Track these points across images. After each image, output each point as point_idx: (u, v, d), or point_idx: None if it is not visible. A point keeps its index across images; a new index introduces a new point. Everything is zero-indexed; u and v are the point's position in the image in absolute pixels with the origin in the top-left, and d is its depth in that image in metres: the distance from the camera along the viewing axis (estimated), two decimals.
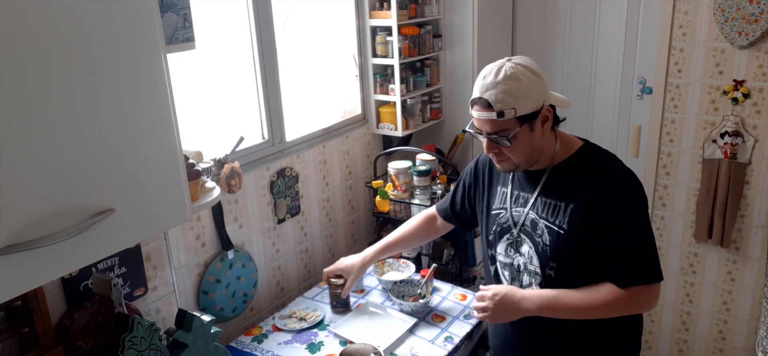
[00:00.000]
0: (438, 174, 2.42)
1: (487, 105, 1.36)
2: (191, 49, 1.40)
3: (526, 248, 1.50)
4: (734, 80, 2.47)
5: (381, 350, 1.71)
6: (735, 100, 2.48)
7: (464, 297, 2.07)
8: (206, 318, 1.58)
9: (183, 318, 1.56)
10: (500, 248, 1.58)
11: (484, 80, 1.38)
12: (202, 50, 1.57)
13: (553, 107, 1.45)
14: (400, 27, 2.43)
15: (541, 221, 1.46)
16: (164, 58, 1.16)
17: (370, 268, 2.22)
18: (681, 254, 2.78)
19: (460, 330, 1.88)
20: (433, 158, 2.42)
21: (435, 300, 2.04)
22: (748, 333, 2.72)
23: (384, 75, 2.57)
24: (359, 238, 2.67)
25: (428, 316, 1.96)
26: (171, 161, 1.20)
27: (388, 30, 2.46)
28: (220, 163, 1.84)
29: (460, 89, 2.76)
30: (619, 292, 1.39)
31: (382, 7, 2.46)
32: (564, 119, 1.49)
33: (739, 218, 2.59)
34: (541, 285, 1.49)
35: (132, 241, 1.20)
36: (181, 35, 1.35)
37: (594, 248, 1.40)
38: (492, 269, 1.63)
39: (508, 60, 1.39)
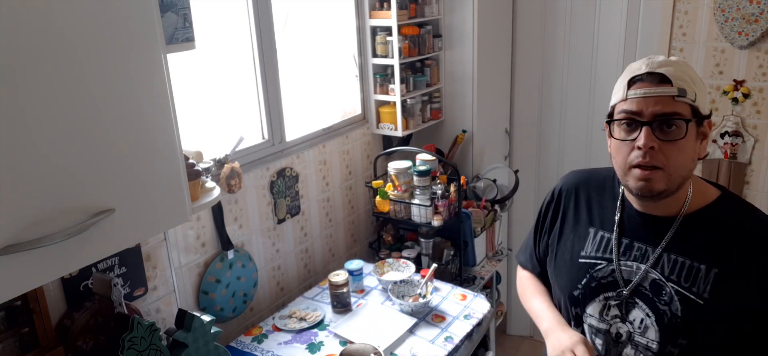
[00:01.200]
0: (438, 174, 2.42)
1: (662, 80, 1.07)
2: (191, 49, 1.40)
3: (640, 315, 1.16)
4: (734, 80, 2.47)
5: (381, 350, 1.71)
6: (735, 100, 2.48)
7: (464, 297, 2.07)
8: (206, 318, 1.58)
9: (183, 318, 1.56)
10: (592, 309, 1.23)
11: (651, 59, 1.11)
12: (202, 50, 1.57)
13: None
14: (400, 27, 2.43)
15: (669, 284, 1.13)
16: (164, 58, 1.16)
17: (371, 268, 2.23)
18: None
19: (460, 330, 1.88)
20: (433, 158, 2.42)
21: (435, 300, 2.04)
22: None
23: (384, 75, 2.57)
24: (359, 238, 2.67)
25: (428, 316, 1.96)
26: (171, 161, 1.20)
27: (388, 30, 2.45)
28: (220, 163, 1.84)
29: (460, 89, 2.76)
30: None
31: (382, 7, 2.46)
32: (707, 155, 1.20)
33: None
34: None
35: (132, 241, 1.20)
36: (181, 35, 1.35)
37: (744, 327, 1.08)
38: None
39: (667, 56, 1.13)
